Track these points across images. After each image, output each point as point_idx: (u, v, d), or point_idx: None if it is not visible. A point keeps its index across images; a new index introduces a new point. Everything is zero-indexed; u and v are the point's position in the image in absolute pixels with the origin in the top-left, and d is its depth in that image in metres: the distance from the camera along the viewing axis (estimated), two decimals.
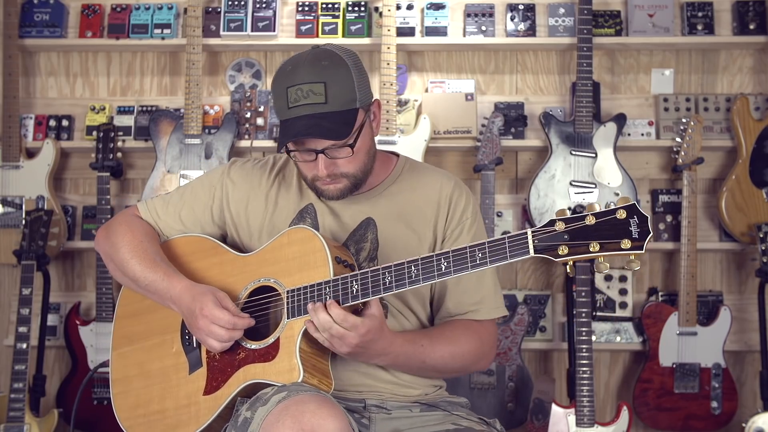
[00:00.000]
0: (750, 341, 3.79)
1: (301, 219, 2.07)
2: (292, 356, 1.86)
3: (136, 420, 2.06)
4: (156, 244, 2.12)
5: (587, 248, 1.70)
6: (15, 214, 3.78)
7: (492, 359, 2.15)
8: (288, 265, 1.94)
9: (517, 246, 1.74)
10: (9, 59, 3.81)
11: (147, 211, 2.19)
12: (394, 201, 2.09)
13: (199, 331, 1.94)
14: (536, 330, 3.79)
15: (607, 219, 1.69)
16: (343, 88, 1.93)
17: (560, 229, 1.71)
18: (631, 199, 1.70)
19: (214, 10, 3.86)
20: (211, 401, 1.94)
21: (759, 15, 3.81)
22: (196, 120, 3.72)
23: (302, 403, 1.73)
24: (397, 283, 1.82)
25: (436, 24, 3.82)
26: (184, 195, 2.19)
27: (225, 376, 1.94)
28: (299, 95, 1.91)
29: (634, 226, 1.68)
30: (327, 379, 1.91)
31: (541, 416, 3.47)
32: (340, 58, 1.97)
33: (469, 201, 2.13)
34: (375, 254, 2.04)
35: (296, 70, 1.93)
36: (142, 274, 2.05)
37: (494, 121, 3.64)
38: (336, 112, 1.92)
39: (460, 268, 1.78)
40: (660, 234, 3.80)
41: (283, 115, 1.95)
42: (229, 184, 2.15)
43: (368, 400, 2.00)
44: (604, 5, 3.86)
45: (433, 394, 2.10)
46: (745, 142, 3.69)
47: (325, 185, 2.01)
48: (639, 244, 1.67)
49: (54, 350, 3.93)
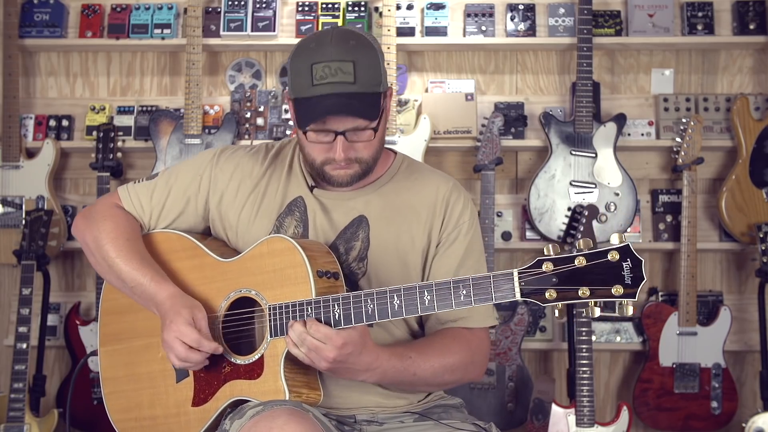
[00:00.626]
0: (750, 341, 3.79)
1: (289, 212, 2.01)
2: (277, 378, 1.84)
3: (128, 423, 2.06)
4: (140, 241, 2.05)
5: (576, 293, 1.62)
6: (15, 214, 3.78)
7: (484, 369, 2.08)
8: (269, 278, 1.89)
9: (502, 286, 1.68)
10: (9, 59, 3.81)
11: (129, 200, 2.09)
12: (388, 200, 2.02)
13: (164, 342, 1.90)
14: (536, 330, 3.79)
15: (598, 262, 1.61)
16: (370, 70, 1.86)
17: (548, 270, 1.64)
18: (625, 240, 1.62)
19: (214, 10, 3.86)
20: (200, 413, 1.94)
21: (759, 15, 3.81)
22: (196, 120, 3.72)
23: (271, 418, 1.71)
24: (380, 313, 1.77)
25: (436, 24, 3.82)
26: (168, 183, 2.09)
27: (212, 389, 1.93)
28: (326, 72, 1.82)
29: (627, 270, 1.60)
30: (314, 391, 1.89)
31: (541, 416, 3.47)
32: (367, 40, 1.90)
33: (466, 205, 2.05)
34: (365, 254, 1.98)
35: (322, 47, 1.84)
36: (129, 275, 1.98)
37: (494, 121, 3.64)
38: (364, 93, 1.85)
39: (444, 303, 1.72)
40: (660, 234, 3.80)
41: (305, 92, 1.85)
42: (218, 173, 2.06)
43: (358, 415, 1.96)
44: (604, 5, 3.86)
45: (425, 399, 2.05)
46: (745, 142, 3.69)
47: (337, 170, 1.93)
48: (632, 291, 1.60)
49: (54, 350, 3.93)
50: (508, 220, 3.82)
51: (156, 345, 2.02)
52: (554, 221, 3.64)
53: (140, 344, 2.05)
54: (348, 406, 1.96)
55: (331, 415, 1.93)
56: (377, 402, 1.98)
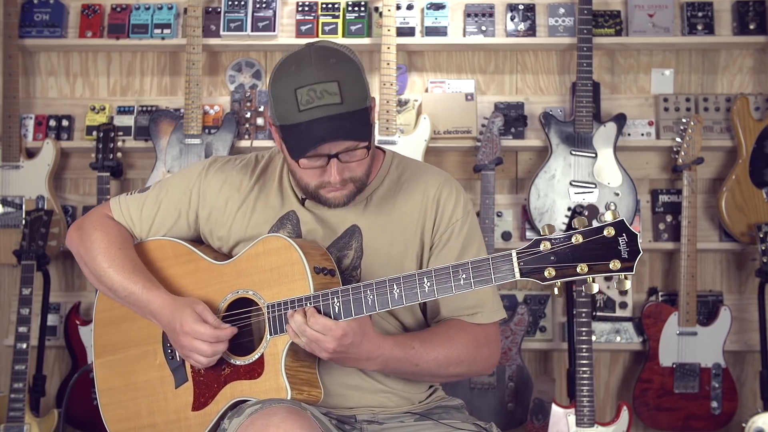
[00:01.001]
0: (750, 341, 3.79)
1: (281, 226, 1.98)
2: (278, 376, 1.84)
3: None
4: (132, 251, 2.04)
5: (575, 270, 1.64)
6: (15, 214, 3.79)
7: (494, 363, 2.05)
8: (266, 277, 1.88)
9: (501, 268, 1.68)
10: (9, 59, 3.81)
11: (120, 212, 2.09)
12: (380, 207, 1.98)
13: (182, 348, 1.89)
14: (536, 330, 3.79)
15: (595, 238, 1.63)
16: (355, 86, 1.81)
17: (546, 249, 1.65)
18: (619, 215, 1.63)
19: (214, 10, 3.86)
20: (200, 417, 1.93)
21: (759, 15, 3.81)
22: (196, 120, 3.72)
23: (268, 416, 1.71)
24: (380, 303, 1.77)
25: (436, 24, 3.82)
26: (158, 197, 2.07)
27: (212, 392, 1.92)
28: (312, 96, 1.77)
29: (623, 244, 1.61)
30: (315, 389, 1.88)
31: (541, 416, 3.47)
32: (345, 54, 1.85)
33: (459, 199, 2.01)
34: (359, 263, 1.95)
35: (302, 69, 1.79)
36: (121, 285, 1.97)
37: (494, 121, 3.64)
38: (353, 112, 1.80)
39: (443, 288, 1.72)
40: (660, 234, 3.80)
41: (292, 118, 1.79)
42: (206, 188, 2.04)
43: (359, 416, 1.95)
44: (604, 5, 3.86)
45: (427, 400, 2.04)
46: (745, 142, 3.69)
47: (332, 192, 1.89)
48: (629, 264, 1.61)
49: (54, 350, 3.93)
50: (508, 220, 3.82)
51: (152, 352, 2.01)
52: (554, 221, 3.64)
53: (136, 353, 2.04)
54: (349, 406, 1.95)
55: (332, 415, 1.93)
56: (378, 402, 1.97)
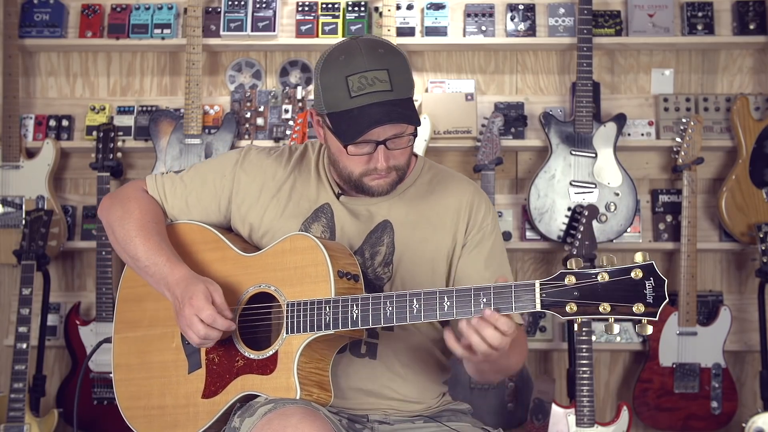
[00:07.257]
0: (750, 341, 3.79)
1: (315, 219, 2.02)
2: (290, 375, 1.84)
3: (136, 411, 2.05)
4: (163, 227, 2.06)
5: (597, 308, 1.61)
6: (15, 214, 3.79)
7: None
8: (290, 274, 1.90)
9: (523, 297, 1.67)
10: (9, 59, 3.81)
11: (155, 188, 2.11)
12: (412, 204, 2.02)
13: (182, 319, 1.89)
14: (536, 330, 3.79)
15: (621, 278, 1.60)
16: (403, 76, 1.86)
17: (570, 283, 1.63)
18: (649, 258, 1.60)
19: (214, 10, 3.86)
20: (209, 405, 1.94)
21: (759, 15, 3.81)
22: (196, 120, 3.72)
23: (285, 417, 1.71)
24: (398, 316, 1.78)
25: (436, 24, 3.82)
26: (194, 179, 2.10)
27: (224, 382, 1.93)
28: (363, 83, 1.81)
29: (650, 288, 1.58)
30: (326, 391, 1.89)
31: (541, 416, 3.47)
32: (392, 46, 1.91)
33: (489, 208, 2.06)
34: (390, 258, 1.98)
35: (353, 58, 1.84)
36: (145, 254, 1.98)
37: (494, 121, 3.65)
38: (402, 99, 1.85)
39: (463, 311, 1.72)
40: (660, 234, 3.80)
41: (343, 105, 1.84)
42: (242, 175, 2.07)
43: (371, 415, 1.98)
44: (604, 5, 3.86)
45: (437, 405, 2.07)
46: (745, 142, 3.69)
47: (376, 179, 1.93)
48: (653, 310, 1.58)
49: (54, 350, 3.93)
50: (508, 220, 3.82)
51: (171, 335, 2.02)
52: (554, 221, 3.64)
53: (156, 333, 2.05)
54: (363, 406, 1.98)
55: (343, 414, 1.94)
56: (391, 405, 1.99)
